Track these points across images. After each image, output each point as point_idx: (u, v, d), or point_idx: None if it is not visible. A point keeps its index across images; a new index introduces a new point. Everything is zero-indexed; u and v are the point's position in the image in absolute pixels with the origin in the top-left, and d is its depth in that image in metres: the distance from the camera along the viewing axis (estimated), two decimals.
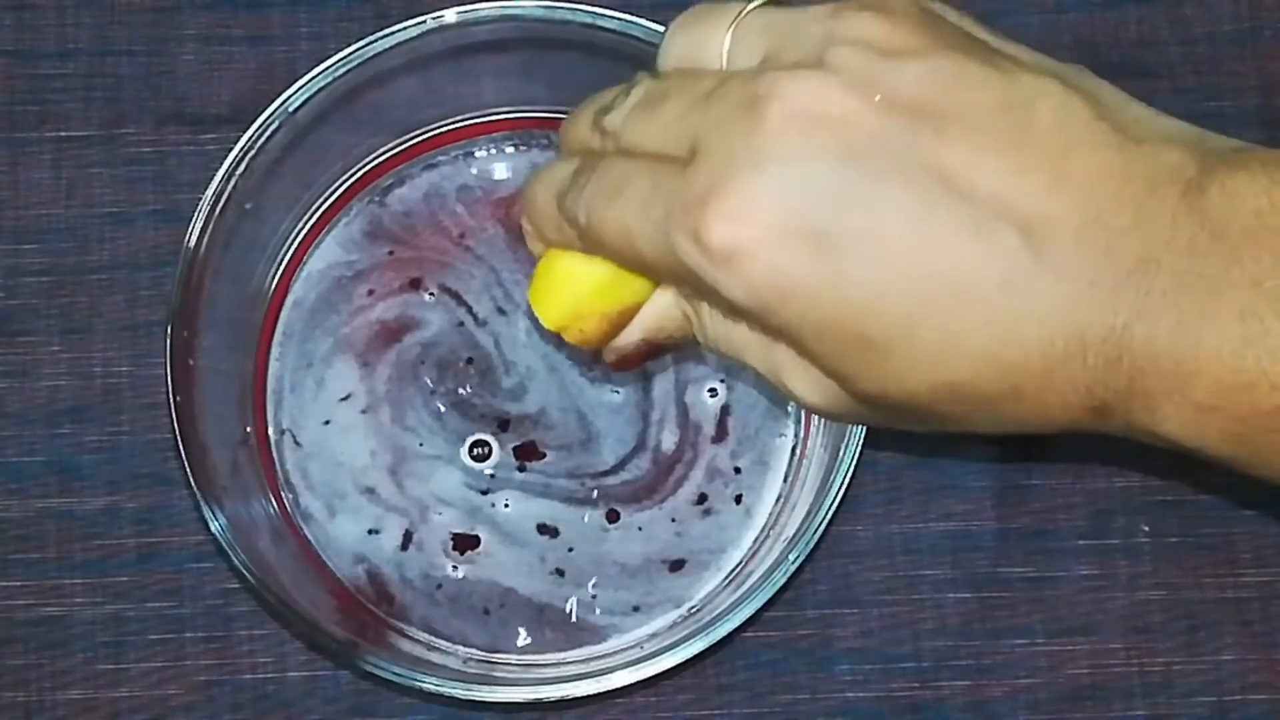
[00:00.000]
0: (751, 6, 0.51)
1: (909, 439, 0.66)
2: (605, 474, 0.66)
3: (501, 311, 0.67)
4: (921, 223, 0.46)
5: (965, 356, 0.47)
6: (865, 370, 0.48)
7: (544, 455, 0.66)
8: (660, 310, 0.53)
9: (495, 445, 0.66)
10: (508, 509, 0.65)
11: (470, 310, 0.67)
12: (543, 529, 0.65)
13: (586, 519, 0.65)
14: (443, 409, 0.66)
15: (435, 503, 0.65)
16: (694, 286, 0.50)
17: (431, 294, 0.67)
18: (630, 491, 0.65)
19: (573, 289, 0.54)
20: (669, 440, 0.66)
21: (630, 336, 0.54)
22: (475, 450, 0.66)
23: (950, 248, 0.46)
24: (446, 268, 0.67)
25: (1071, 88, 0.48)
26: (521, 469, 0.65)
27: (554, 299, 0.54)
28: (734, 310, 0.49)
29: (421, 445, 0.66)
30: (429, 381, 0.66)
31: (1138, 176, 0.46)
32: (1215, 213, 0.45)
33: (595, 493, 0.65)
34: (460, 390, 0.66)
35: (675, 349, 0.55)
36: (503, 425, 0.66)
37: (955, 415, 0.49)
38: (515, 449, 0.66)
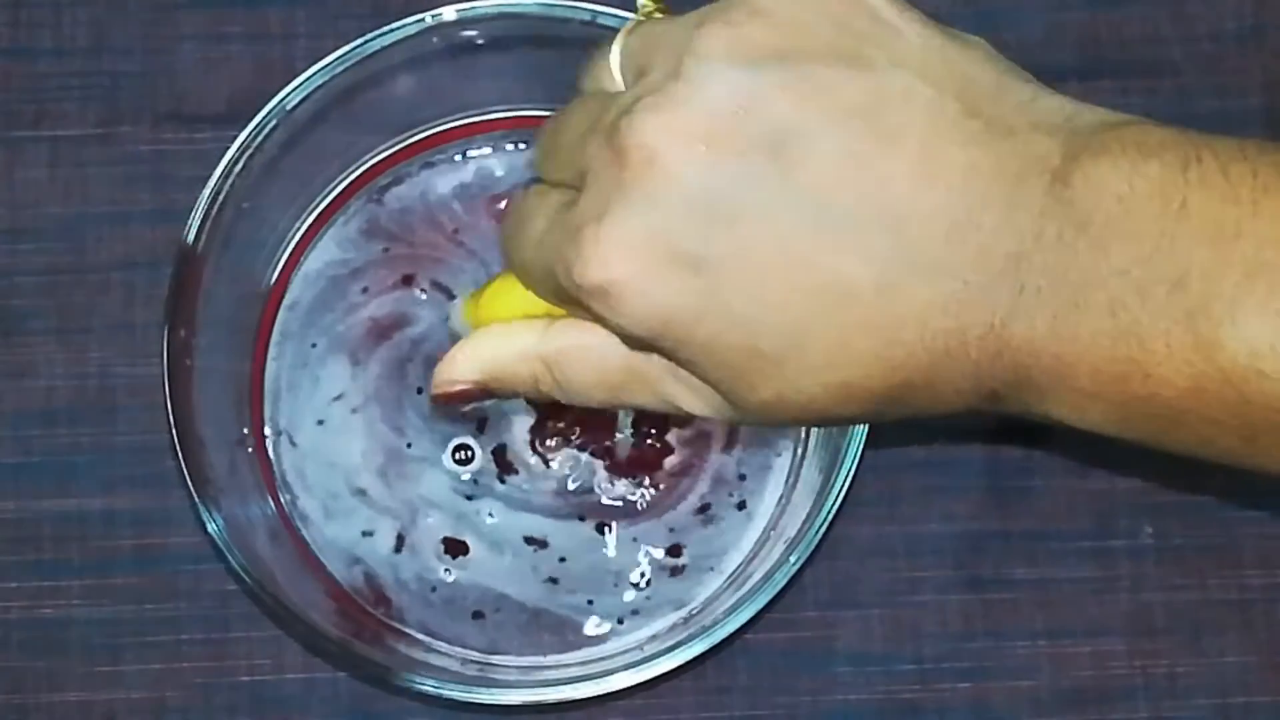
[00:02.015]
0: (631, 22, 0.51)
1: (909, 439, 0.66)
2: (591, 492, 0.66)
3: None
4: (792, 238, 0.47)
5: (854, 358, 0.48)
6: (762, 380, 0.48)
7: (517, 472, 0.65)
8: (510, 359, 0.53)
9: (476, 448, 0.65)
10: (493, 519, 0.65)
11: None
12: (530, 540, 0.65)
13: (576, 531, 0.65)
14: (428, 406, 0.66)
15: (424, 506, 0.65)
16: (589, 315, 0.50)
17: (423, 290, 0.67)
18: (623, 510, 0.65)
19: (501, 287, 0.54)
20: (675, 459, 0.66)
21: (464, 373, 0.54)
22: (458, 454, 0.65)
23: (824, 259, 0.47)
24: (439, 264, 0.67)
25: (943, 80, 0.47)
26: (502, 480, 0.65)
27: (483, 291, 0.55)
28: (626, 337, 0.50)
29: (410, 446, 0.65)
30: (416, 379, 0.66)
31: (1006, 171, 0.46)
32: (1080, 203, 0.46)
33: (582, 510, 0.65)
34: None
35: (503, 398, 0.55)
36: (480, 425, 0.65)
37: (855, 412, 0.49)
38: (495, 454, 0.65)
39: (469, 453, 0.65)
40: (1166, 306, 0.45)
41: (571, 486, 0.65)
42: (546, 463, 0.65)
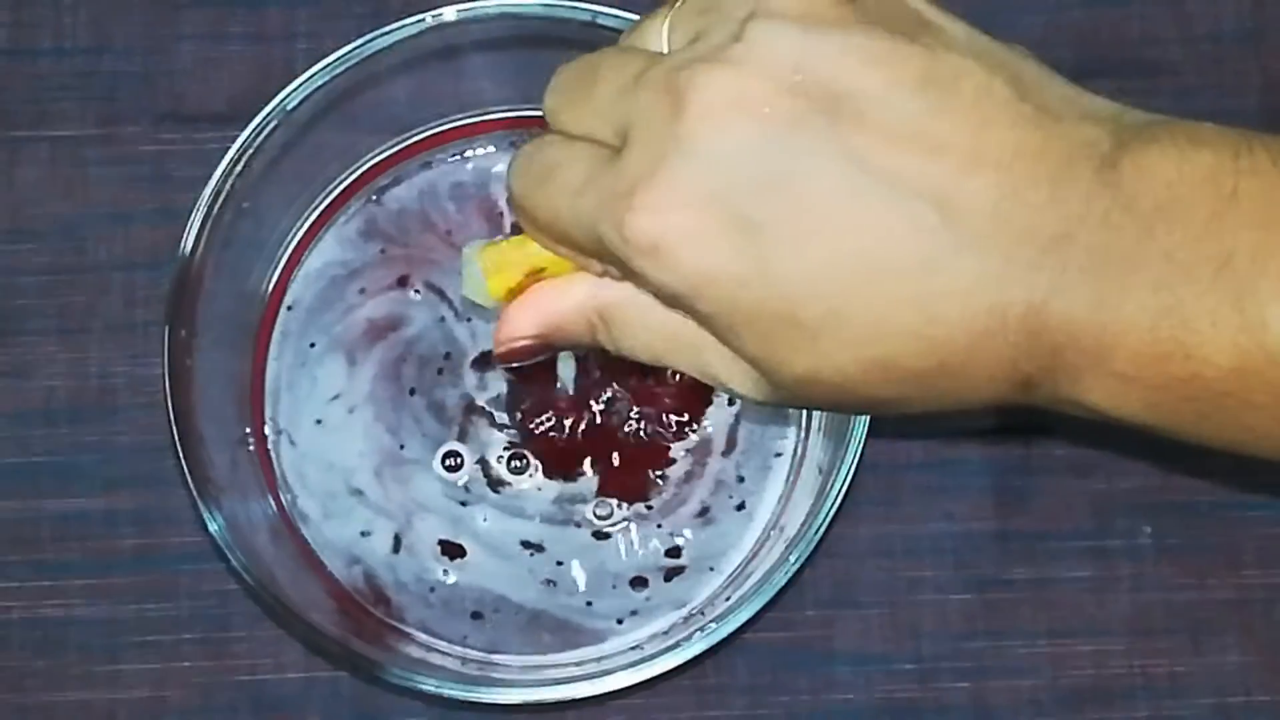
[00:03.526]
0: None
1: (908, 438, 0.66)
2: (585, 502, 0.66)
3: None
4: (842, 205, 0.47)
5: (893, 334, 0.47)
6: (796, 354, 0.48)
7: (508, 484, 0.65)
8: (566, 311, 0.52)
9: (465, 456, 0.65)
10: (487, 523, 0.65)
11: (452, 305, 0.66)
12: (527, 545, 0.65)
13: (573, 537, 0.65)
14: (420, 409, 0.66)
15: (418, 509, 0.65)
16: (624, 273, 0.50)
17: (417, 291, 0.67)
18: (621, 518, 0.65)
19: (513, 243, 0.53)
20: (679, 469, 0.66)
21: (524, 329, 0.53)
22: (448, 460, 0.65)
23: (871, 228, 0.47)
24: (433, 264, 0.67)
25: (995, 67, 0.48)
26: (495, 490, 0.65)
27: (494, 247, 0.54)
28: (664, 297, 0.49)
29: (403, 448, 0.65)
30: (410, 380, 0.66)
31: (1054, 153, 0.47)
32: (1128, 187, 0.46)
33: (577, 518, 0.65)
34: (436, 390, 0.66)
35: (569, 350, 0.54)
36: (462, 434, 0.65)
37: (887, 395, 0.49)
38: (481, 465, 0.65)
39: (458, 459, 0.65)
40: (1212, 286, 0.45)
41: (567, 496, 0.65)
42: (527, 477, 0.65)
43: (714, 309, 0.48)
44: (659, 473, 0.65)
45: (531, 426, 0.65)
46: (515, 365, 0.55)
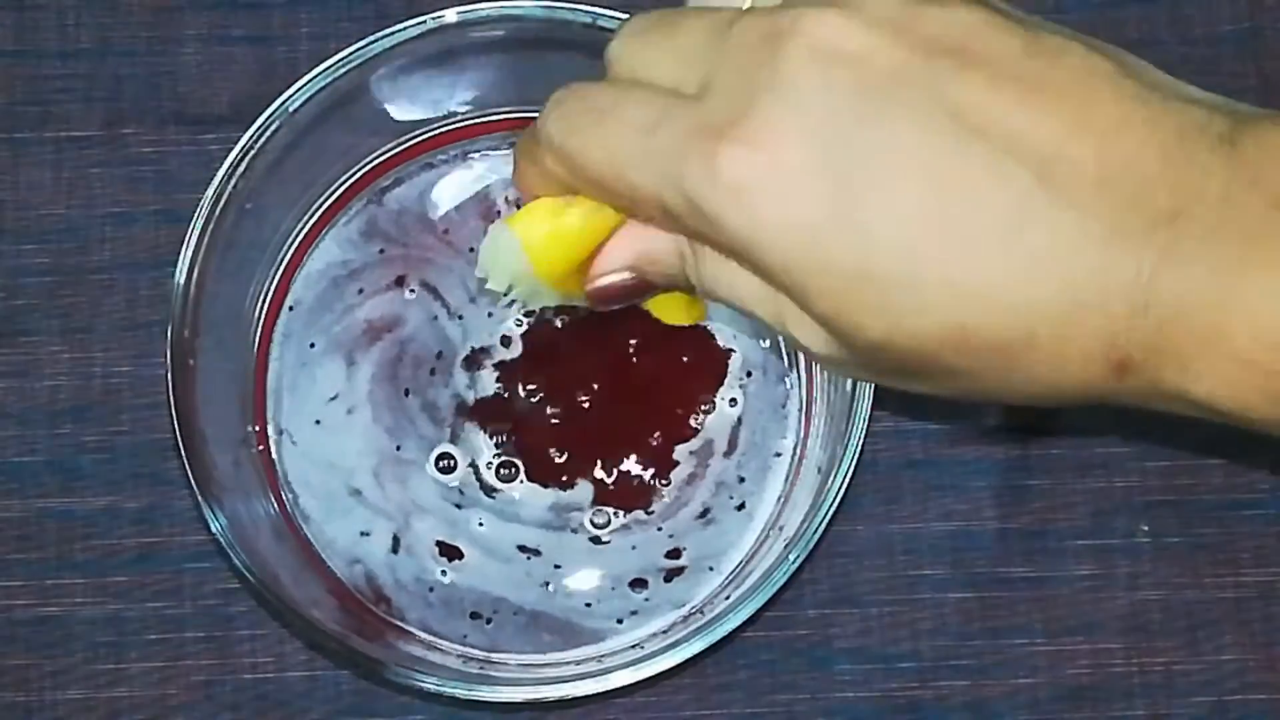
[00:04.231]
0: None
1: (908, 437, 0.66)
2: (581, 510, 0.66)
3: (473, 300, 0.66)
4: (934, 158, 0.45)
5: (975, 297, 0.45)
6: (871, 316, 0.46)
7: (499, 490, 0.65)
8: (659, 239, 0.50)
9: (458, 458, 0.65)
10: (483, 528, 0.65)
11: (444, 303, 0.66)
12: (524, 549, 0.65)
13: (570, 542, 0.65)
14: (415, 409, 0.66)
15: (416, 510, 0.65)
16: (688, 222, 0.48)
17: (412, 290, 0.67)
18: (619, 525, 0.65)
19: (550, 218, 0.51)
20: (681, 471, 0.66)
21: (614, 264, 0.51)
22: (441, 463, 0.65)
23: (961, 184, 0.45)
24: (428, 263, 0.67)
25: (1095, 48, 0.46)
26: (490, 495, 0.65)
27: (532, 219, 0.51)
28: (730, 250, 0.48)
29: (399, 449, 0.66)
30: (404, 380, 0.66)
31: (1165, 128, 0.45)
32: (1250, 164, 0.44)
33: (574, 524, 0.65)
34: (429, 391, 0.66)
35: (663, 290, 0.52)
36: (453, 436, 0.65)
37: (964, 368, 0.47)
38: (473, 469, 0.65)
39: (451, 461, 0.65)
40: None
41: (562, 504, 0.65)
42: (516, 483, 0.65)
43: (786, 262, 0.46)
44: (663, 480, 0.65)
45: (518, 440, 0.65)
46: (608, 305, 0.52)
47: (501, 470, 0.65)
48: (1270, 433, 0.46)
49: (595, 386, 0.65)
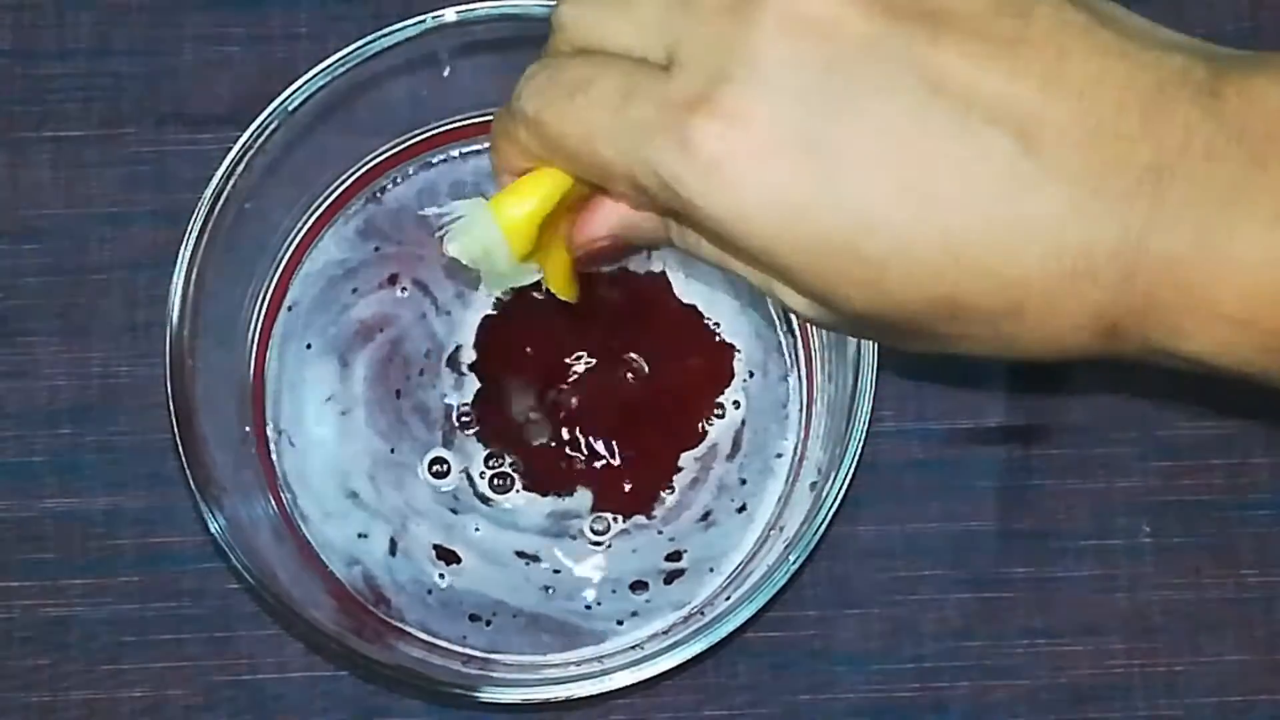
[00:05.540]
0: None
1: (909, 437, 0.66)
2: (580, 517, 0.65)
3: (460, 295, 0.66)
4: (915, 129, 0.44)
5: (963, 269, 0.45)
6: (858, 289, 0.46)
7: (492, 500, 0.65)
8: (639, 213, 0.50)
9: (451, 463, 0.65)
10: (479, 533, 0.65)
11: (434, 300, 0.66)
12: (521, 554, 0.65)
13: (569, 548, 0.65)
14: (407, 411, 0.66)
15: (412, 513, 0.65)
16: (662, 200, 0.47)
17: (404, 289, 0.67)
18: (619, 530, 0.65)
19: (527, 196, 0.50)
20: (685, 476, 0.66)
21: (597, 231, 0.51)
22: (434, 467, 0.65)
23: (943, 154, 0.44)
24: (421, 261, 0.67)
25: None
26: (485, 502, 0.65)
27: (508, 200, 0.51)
28: (706, 231, 0.47)
29: (392, 451, 0.65)
30: (396, 381, 0.66)
31: (1143, 81, 0.44)
32: (1234, 115, 0.43)
33: (573, 530, 0.65)
34: (419, 392, 0.66)
35: (649, 248, 0.51)
36: (446, 439, 0.65)
37: (956, 334, 0.46)
38: (466, 475, 0.65)
39: (445, 466, 0.65)
40: None
41: (560, 511, 0.65)
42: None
43: (766, 242, 0.46)
44: (666, 487, 0.65)
45: (513, 450, 0.65)
46: (594, 265, 0.52)
47: (495, 480, 0.65)
48: (1266, 384, 0.46)
49: (595, 389, 0.65)
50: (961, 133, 0.44)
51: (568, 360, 0.65)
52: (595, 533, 0.65)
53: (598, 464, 0.65)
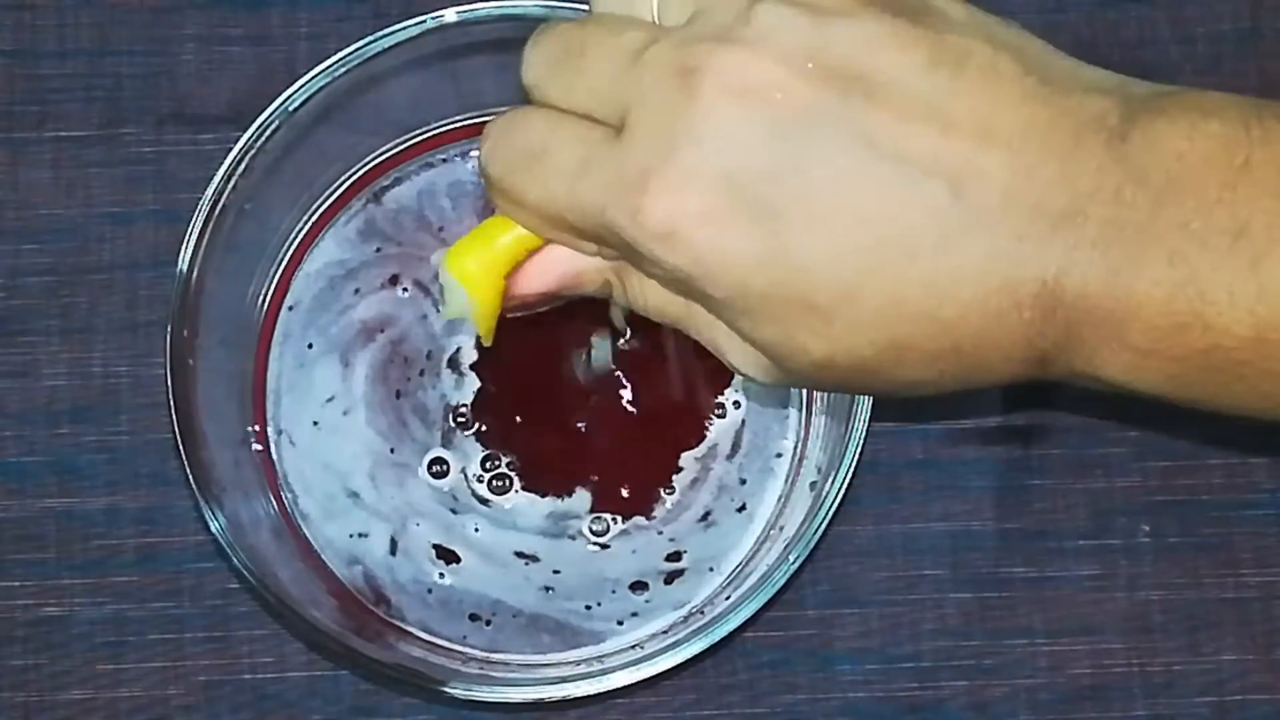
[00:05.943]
0: None
1: (908, 437, 0.66)
2: (579, 518, 0.65)
3: None
4: (855, 188, 0.47)
5: (907, 316, 0.47)
6: (812, 338, 0.48)
7: (490, 501, 0.65)
8: (584, 268, 0.51)
9: (450, 463, 0.65)
10: (479, 533, 0.65)
11: (435, 302, 0.66)
12: (521, 555, 0.65)
13: (569, 549, 0.65)
14: (407, 412, 0.66)
15: (412, 513, 0.65)
16: (627, 256, 0.49)
17: (406, 289, 0.67)
18: (619, 531, 0.65)
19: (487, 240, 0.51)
20: (685, 476, 0.66)
21: (540, 286, 0.52)
22: (434, 467, 0.65)
23: (884, 210, 0.47)
24: (422, 262, 0.67)
25: (999, 45, 0.48)
26: (484, 502, 0.65)
27: (463, 252, 0.52)
28: (672, 283, 0.49)
29: (392, 451, 0.65)
30: (397, 382, 0.66)
31: (1063, 129, 0.46)
32: (1138, 159, 0.46)
33: (572, 531, 0.65)
34: (419, 393, 0.66)
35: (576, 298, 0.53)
36: (445, 439, 0.65)
37: (901, 377, 0.49)
38: (464, 475, 0.65)
39: (444, 466, 0.65)
40: (1228, 257, 0.45)
41: (559, 512, 0.65)
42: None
43: (727, 294, 0.48)
44: (667, 487, 0.65)
45: (511, 451, 0.65)
46: (528, 310, 0.53)
47: (494, 481, 0.65)
48: (1182, 406, 0.48)
49: (595, 391, 0.65)
50: (899, 187, 0.47)
51: (567, 361, 0.65)
52: (595, 533, 0.65)
53: (597, 464, 0.65)
